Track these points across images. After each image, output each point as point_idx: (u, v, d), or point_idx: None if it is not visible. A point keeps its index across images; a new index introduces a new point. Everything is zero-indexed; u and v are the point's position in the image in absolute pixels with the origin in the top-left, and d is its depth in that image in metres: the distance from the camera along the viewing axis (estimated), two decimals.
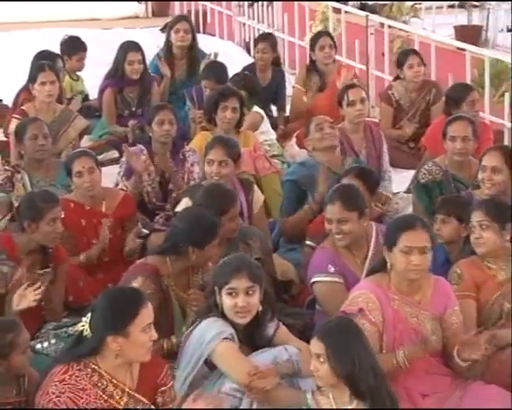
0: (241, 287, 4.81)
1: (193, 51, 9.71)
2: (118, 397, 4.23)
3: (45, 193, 6.07)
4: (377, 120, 8.57)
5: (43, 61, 8.59)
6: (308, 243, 6.25)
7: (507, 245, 5.39)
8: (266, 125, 8.55)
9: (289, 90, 9.75)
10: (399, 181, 7.78)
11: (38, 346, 5.54)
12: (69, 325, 5.69)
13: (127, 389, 4.25)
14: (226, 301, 4.83)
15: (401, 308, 5.04)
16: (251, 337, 4.97)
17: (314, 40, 9.50)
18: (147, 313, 4.21)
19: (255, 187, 6.88)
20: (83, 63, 9.68)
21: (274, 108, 9.58)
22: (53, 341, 5.60)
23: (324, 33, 9.83)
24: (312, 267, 5.73)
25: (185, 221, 5.58)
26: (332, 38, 9.61)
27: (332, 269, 5.57)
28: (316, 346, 4.32)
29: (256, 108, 8.34)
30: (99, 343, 4.20)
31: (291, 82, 10.07)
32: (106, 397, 4.22)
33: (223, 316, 4.86)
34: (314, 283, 5.67)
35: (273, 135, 8.60)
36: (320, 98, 9.00)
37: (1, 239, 5.81)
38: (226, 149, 6.57)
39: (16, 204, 6.43)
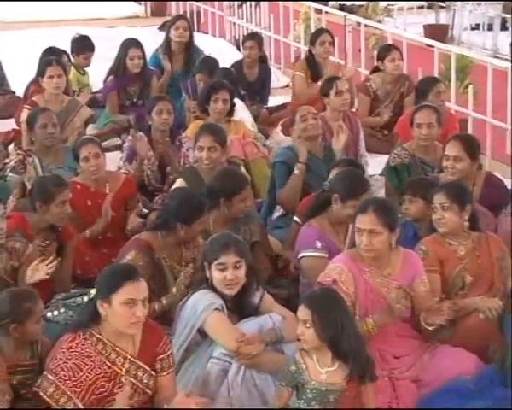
0: (230, 262, 4.80)
1: (190, 47, 9.70)
2: (120, 364, 4.24)
3: (55, 178, 6.08)
4: (354, 110, 8.54)
5: (51, 57, 8.59)
6: (296, 219, 6.25)
7: (465, 224, 5.40)
8: (246, 115, 8.52)
9: (275, 82, 9.76)
10: (374, 165, 7.80)
11: (49, 314, 5.52)
12: (77, 296, 5.72)
13: (129, 356, 4.25)
14: (216, 275, 4.82)
15: (372, 279, 5.05)
16: (239, 306, 4.96)
17: (315, 36, 9.51)
18: (132, 289, 4.17)
19: (242, 169, 6.91)
20: (90, 61, 9.64)
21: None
22: (62, 310, 5.59)
23: (325, 30, 9.84)
24: (300, 243, 5.72)
25: (174, 200, 5.62)
26: (332, 36, 9.60)
27: (319, 245, 5.56)
28: (303, 312, 4.32)
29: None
30: (94, 309, 4.21)
31: (277, 75, 10.09)
32: (109, 364, 4.22)
33: (212, 288, 4.86)
34: (302, 257, 5.67)
35: (252, 125, 8.54)
36: (315, 88, 8.95)
37: (15, 218, 5.79)
38: (214, 135, 6.59)
39: (28, 185, 6.44)
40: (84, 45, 9.61)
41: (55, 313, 5.59)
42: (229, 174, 6.07)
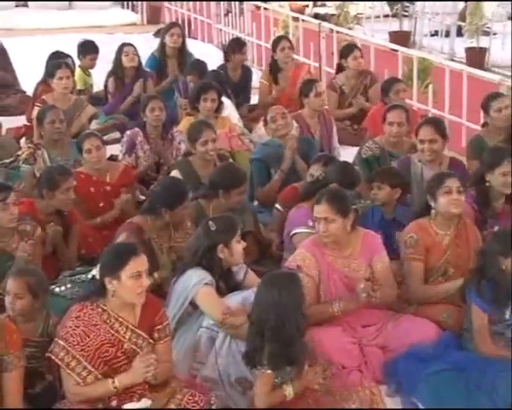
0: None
1: (183, 51, 9.65)
2: (122, 332, 4.22)
3: (61, 167, 6.10)
4: (327, 107, 8.54)
5: (60, 60, 8.57)
6: (277, 206, 6.24)
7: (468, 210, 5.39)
8: (233, 112, 8.49)
9: (256, 82, 9.75)
10: (345, 156, 7.75)
11: (57, 290, 5.54)
12: (82, 273, 5.74)
13: (130, 326, 4.24)
14: (238, 249, 4.91)
15: (334, 261, 5.04)
16: (226, 282, 4.98)
17: (275, 43, 9.38)
18: (136, 263, 4.18)
19: (230, 160, 6.90)
20: (94, 62, 9.61)
21: None
22: (69, 285, 5.60)
23: (284, 37, 9.74)
24: (293, 222, 5.68)
25: (160, 188, 5.63)
26: (290, 42, 9.53)
27: (311, 223, 5.47)
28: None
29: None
30: (101, 285, 4.20)
31: (259, 76, 10.05)
32: (113, 332, 4.21)
33: (203, 266, 4.86)
34: (295, 234, 5.61)
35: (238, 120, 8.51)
36: (282, 90, 8.98)
37: (25, 204, 5.78)
38: (213, 129, 6.65)
39: (38, 175, 6.41)
40: (90, 48, 9.58)
41: (62, 288, 5.59)
42: (230, 169, 6.05)
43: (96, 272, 4.32)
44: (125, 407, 4.14)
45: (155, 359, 4.18)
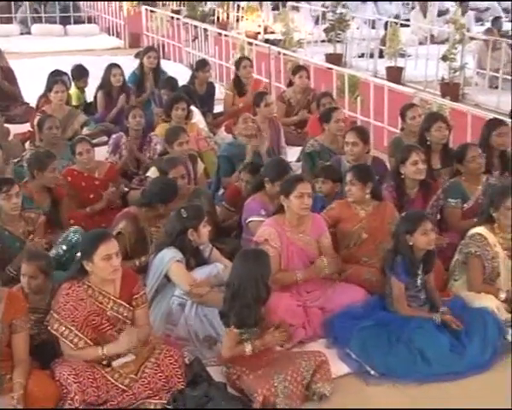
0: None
1: (158, 70, 9.63)
2: (105, 303, 4.16)
3: (47, 151, 6.11)
4: (275, 115, 8.51)
5: (56, 78, 8.57)
6: (224, 204, 6.21)
7: (368, 196, 5.37)
8: (201, 119, 8.44)
9: (218, 94, 9.71)
10: (291, 154, 7.78)
11: (53, 252, 5.41)
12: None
13: (112, 297, 4.18)
14: (205, 231, 4.87)
15: (292, 236, 5.02)
16: (194, 258, 4.92)
17: (238, 62, 9.44)
18: (106, 247, 4.09)
19: (198, 159, 6.86)
20: (87, 82, 9.54)
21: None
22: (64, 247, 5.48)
23: (245, 58, 9.78)
24: (248, 211, 5.61)
25: (156, 186, 5.55)
26: (250, 61, 9.60)
27: (263, 212, 5.46)
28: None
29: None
30: (81, 266, 4.14)
31: (221, 89, 10.01)
32: (97, 303, 4.14)
33: (176, 246, 4.81)
34: (250, 221, 5.55)
35: (204, 126, 8.45)
36: (243, 101, 8.95)
37: (24, 187, 5.72)
38: (187, 133, 6.65)
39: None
40: (82, 72, 9.52)
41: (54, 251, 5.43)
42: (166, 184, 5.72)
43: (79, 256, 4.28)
44: (114, 364, 4.09)
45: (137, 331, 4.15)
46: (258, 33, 14.90)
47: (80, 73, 9.49)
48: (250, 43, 11.55)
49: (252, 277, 4.19)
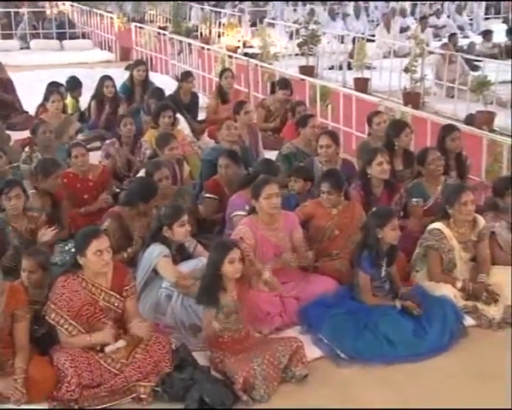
0: (186, 219, 4.82)
1: (146, 82, 9.58)
2: (98, 294, 4.13)
3: (53, 161, 6.03)
4: (254, 121, 8.48)
5: (53, 88, 8.51)
6: (206, 195, 6.14)
7: (342, 199, 5.36)
8: (186, 125, 8.40)
9: (201, 103, 9.68)
10: (268, 156, 7.71)
11: (57, 259, 5.41)
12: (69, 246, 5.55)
13: (104, 289, 4.15)
14: (179, 230, 4.76)
15: (265, 233, 5.02)
16: (179, 253, 4.90)
17: (221, 73, 9.42)
18: (97, 243, 4.06)
19: (184, 162, 6.80)
20: (81, 92, 9.49)
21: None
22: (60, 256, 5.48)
23: (228, 69, 9.74)
24: (234, 206, 5.57)
25: (137, 186, 5.52)
26: (232, 72, 9.56)
27: (247, 207, 5.38)
28: None
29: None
30: (75, 261, 4.12)
31: (204, 98, 9.97)
32: (90, 294, 4.12)
33: (163, 242, 4.78)
34: (235, 215, 5.49)
35: (189, 132, 8.40)
36: (226, 109, 8.88)
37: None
38: (176, 139, 6.61)
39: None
40: (76, 84, 9.45)
41: (56, 259, 5.43)
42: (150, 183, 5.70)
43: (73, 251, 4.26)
44: (106, 349, 4.06)
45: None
46: (238, 47, 14.90)
47: (74, 84, 9.45)
48: (230, 57, 11.52)
49: (210, 263, 4.22)
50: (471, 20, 19.80)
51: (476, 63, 11.71)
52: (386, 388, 4.13)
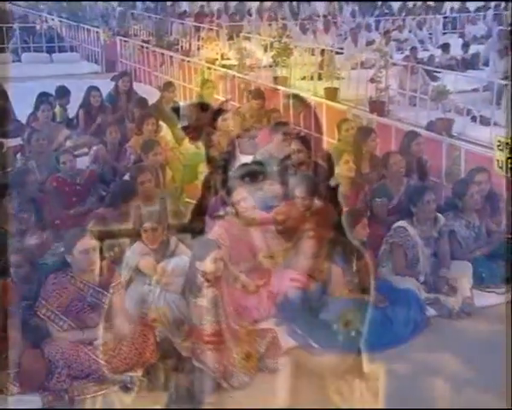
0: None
1: (131, 92, 9.53)
2: (86, 290, 4.11)
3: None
4: (232, 128, 8.45)
5: (43, 98, 8.48)
6: (187, 200, 6.14)
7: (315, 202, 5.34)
8: (168, 132, 8.32)
9: (182, 111, 9.61)
10: (244, 161, 7.75)
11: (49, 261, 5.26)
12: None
13: (91, 285, 4.13)
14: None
15: (239, 233, 5.01)
16: (162, 251, 4.85)
17: (202, 83, 9.60)
18: (82, 243, 4.06)
19: (166, 168, 6.76)
20: (68, 100, 9.35)
21: None
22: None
23: (208, 79, 9.97)
24: (212, 208, 5.52)
25: (116, 188, 5.56)
26: (212, 82, 9.73)
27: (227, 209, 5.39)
28: None
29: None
30: (65, 259, 4.11)
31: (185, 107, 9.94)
32: (79, 291, 4.10)
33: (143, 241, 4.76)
34: (217, 215, 5.40)
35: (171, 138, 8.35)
36: (206, 117, 8.81)
37: None
38: (160, 145, 6.59)
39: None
40: (64, 92, 9.34)
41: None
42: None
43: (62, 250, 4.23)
44: (95, 343, 4.03)
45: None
46: (216, 59, 14.84)
47: (63, 92, 9.33)
48: (209, 68, 11.50)
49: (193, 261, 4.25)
50: (430, 34, 19.96)
51: (436, 74, 11.79)
52: (357, 376, 4.13)
